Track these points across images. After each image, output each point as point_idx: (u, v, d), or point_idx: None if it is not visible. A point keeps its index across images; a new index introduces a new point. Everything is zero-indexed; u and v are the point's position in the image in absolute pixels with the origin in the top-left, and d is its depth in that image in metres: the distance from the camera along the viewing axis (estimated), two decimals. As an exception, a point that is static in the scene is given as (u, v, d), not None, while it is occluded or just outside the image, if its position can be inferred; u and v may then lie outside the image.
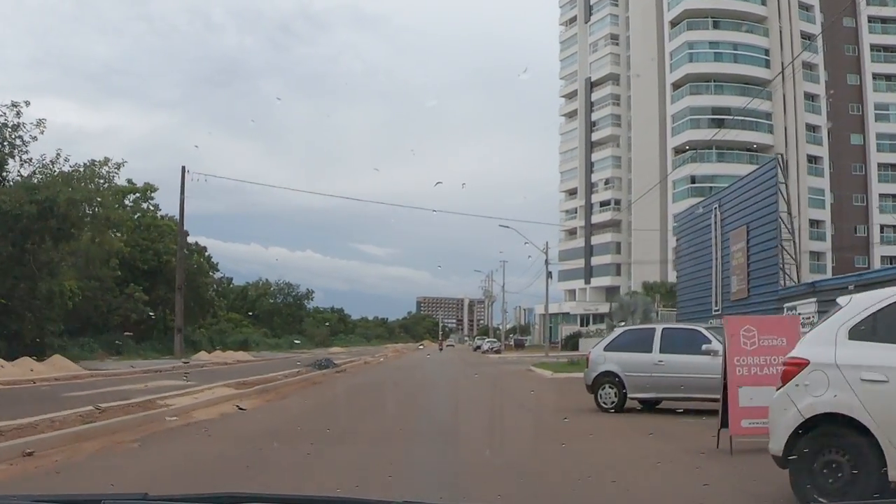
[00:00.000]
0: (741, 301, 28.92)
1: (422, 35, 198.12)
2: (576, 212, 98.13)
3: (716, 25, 70.55)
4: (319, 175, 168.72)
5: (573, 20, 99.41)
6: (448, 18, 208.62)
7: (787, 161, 30.38)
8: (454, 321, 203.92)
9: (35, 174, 28.87)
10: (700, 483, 7.56)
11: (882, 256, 66.00)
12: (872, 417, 5.53)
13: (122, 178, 42.54)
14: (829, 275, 50.19)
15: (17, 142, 28.13)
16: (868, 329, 5.92)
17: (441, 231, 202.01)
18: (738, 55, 69.88)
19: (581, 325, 76.75)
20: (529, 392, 19.62)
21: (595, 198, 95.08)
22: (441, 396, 19.22)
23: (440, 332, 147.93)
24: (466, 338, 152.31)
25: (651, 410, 14.88)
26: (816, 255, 64.95)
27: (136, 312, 38.11)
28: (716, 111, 68.60)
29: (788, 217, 27.11)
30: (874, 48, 73.17)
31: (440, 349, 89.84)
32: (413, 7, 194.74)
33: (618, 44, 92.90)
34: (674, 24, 72.60)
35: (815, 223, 68.65)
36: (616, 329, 16.16)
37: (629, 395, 14.73)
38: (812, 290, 23.59)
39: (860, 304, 6.05)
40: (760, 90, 68.27)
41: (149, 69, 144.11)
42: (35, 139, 28.21)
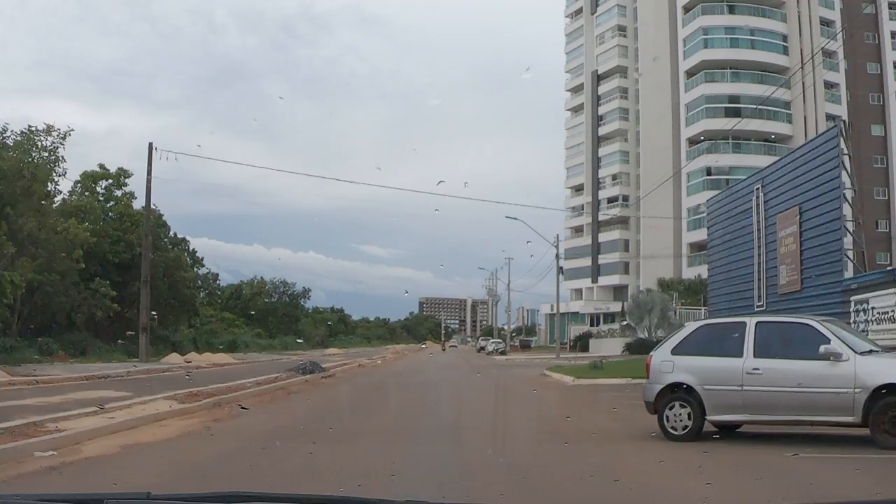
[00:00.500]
0: (793, 295, 24.38)
1: (424, 35, 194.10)
2: (582, 208, 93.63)
3: (731, 10, 65.99)
4: (322, 174, 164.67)
5: (579, 12, 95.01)
6: (451, 18, 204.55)
7: (851, 127, 25.76)
8: (457, 322, 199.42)
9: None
10: None
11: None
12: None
13: (93, 162, 38.33)
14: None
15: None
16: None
17: (443, 232, 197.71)
18: (756, 41, 65.38)
19: (591, 325, 72.13)
20: (558, 410, 15.06)
21: (602, 194, 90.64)
22: (445, 412, 14.77)
23: (442, 333, 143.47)
24: (469, 338, 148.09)
25: (737, 437, 10.47)
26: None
27: (103, 309, 33.61)
28: (732, 100, 64.14)
29: (853, 193, 22.60)
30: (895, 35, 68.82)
31: (443, 350, 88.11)
32: (416, 7, 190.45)
33: (625, 35, 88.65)
34: (687, 10, 68.09)
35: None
36: (688, 325, 11.44)
37: (708, 418, 10.24)
38: (893, 279, 19.09)
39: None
40: (778, 78, 63.88)
41: (152, 70, 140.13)
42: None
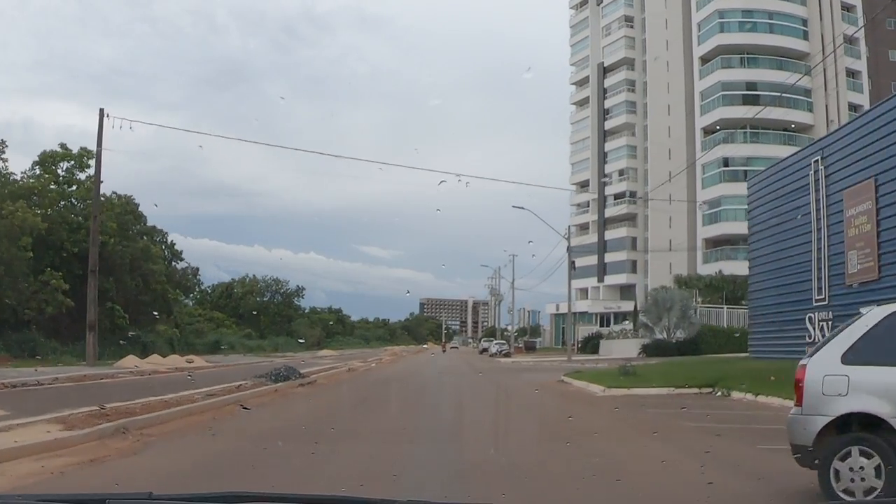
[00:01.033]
0: (868, 285, 19.73)
1: (426, 36, 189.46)
2: (588, 205, 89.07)
3: (749, -8, 61.45)
4: (323, 175, 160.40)
5: (584, 2, 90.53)
6: (451, 19, 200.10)
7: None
8: (457, 323, 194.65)
9: None
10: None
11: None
12: None
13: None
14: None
15: None
16: None
17: (445, 232, 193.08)
18: (774, 25, 60.75)
19: (601, 325, 67.35)
20: (613, 447, 10.19)
21: (608, 190, 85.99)
22: (443, 447, 10.08)
23: (443, 335, 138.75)
24: (470, 339, 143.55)
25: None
26: None
27: (54, 304, 28.97)
28: (749, 87, 59.48)
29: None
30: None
31: (443, 350, 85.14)
32: (417, 8, 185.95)
33: (632, 26, 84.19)
34: (702, -7, 63.59)
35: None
36: (870, 311, 6.38)
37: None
38: None
39: None
40: (798, 64, 59.29)
41: (152, 71, 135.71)
42: None
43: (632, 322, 54.13)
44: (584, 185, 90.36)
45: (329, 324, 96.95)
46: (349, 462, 8.07)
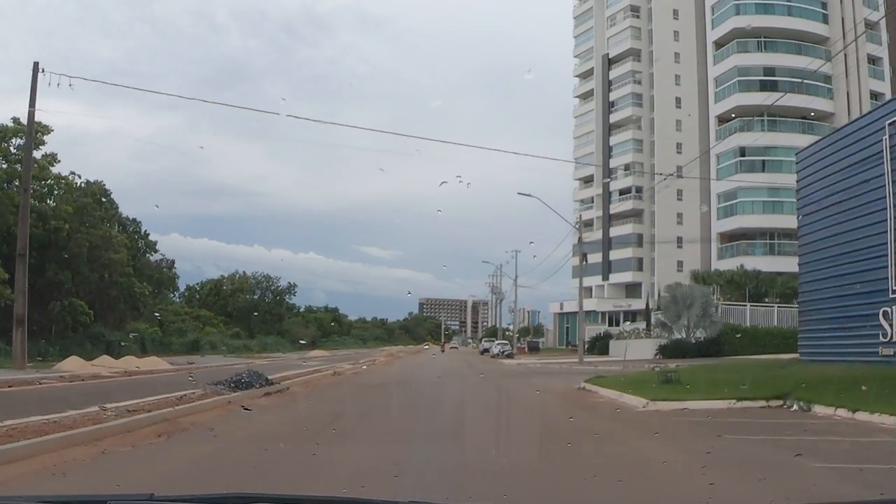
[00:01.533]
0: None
1: (427, 36, 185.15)
2: (592, 201, 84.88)
3: (765, -27, 57.39)
4: (323, 176, 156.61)
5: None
6: (452, 19, 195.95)
7: None
8: (457, 323, 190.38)
9: None
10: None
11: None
12: None
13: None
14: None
15: None
16: None
17: (445, 232, 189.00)
18: (793, 7, 56.62)
19: (609, 325, 63.12)
20: None
21: (613, 185, 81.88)
22: (437, 491, 5.98)
23: (442, 334, 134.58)
24: (470, 340, 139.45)
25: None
26: None
27: (-8, 298, 24.89)
28: (767, 72, 55.34)
29: None
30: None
31: (442, 351, 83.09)
32: (418, 8, 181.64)
33: (638, 16, 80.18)
34: (715, -27, 59.50)
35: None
36: None
37: None
38: None
39: None
40: (817, 49, 55.24)
41: (152, 71, 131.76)
42: None
43: (644, 321, 49.96)
44: (588, 181, 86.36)
45: (325, 323, 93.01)
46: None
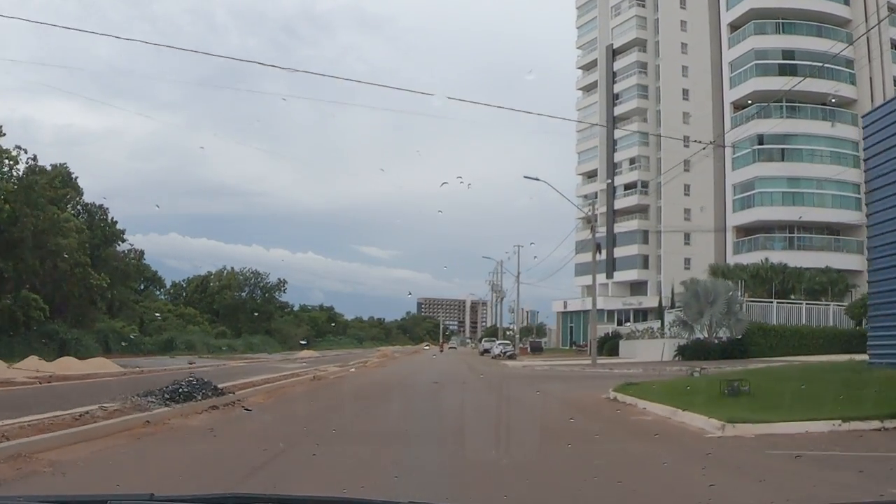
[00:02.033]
0: None
1: (428, 36, 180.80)
2: (595, 196, 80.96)
3: (783, -49, 53.52)
4: (323, 176, 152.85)
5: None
6: (452, 19, 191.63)
7: None
8: (455, 323, 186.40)
9: None
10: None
11: None
12: None
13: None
14: None
15: None
16: None
17: (444, 231, 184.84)
18: (812, -13, 52.84)
19: (618, 324, 59.14)
20: None
21: (618, 180, 77.99)
22: None
23: (441, 335, 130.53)
24: (468, 340, 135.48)
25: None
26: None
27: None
28: (786, 55, 51.48)
29: None
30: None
31: (441, 350, 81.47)
32: (418, 7, 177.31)
33: (644, 5, 76.53)
34: (729, -47, 55.63)
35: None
36: None
37: None
38: None
39: None
40: (839, 31, 51.42)
41: (152, 70, 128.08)
42: None
43: (658, 319, 46.00)
44: (592, 176, 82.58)
45: (320, 323, 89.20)
46: None
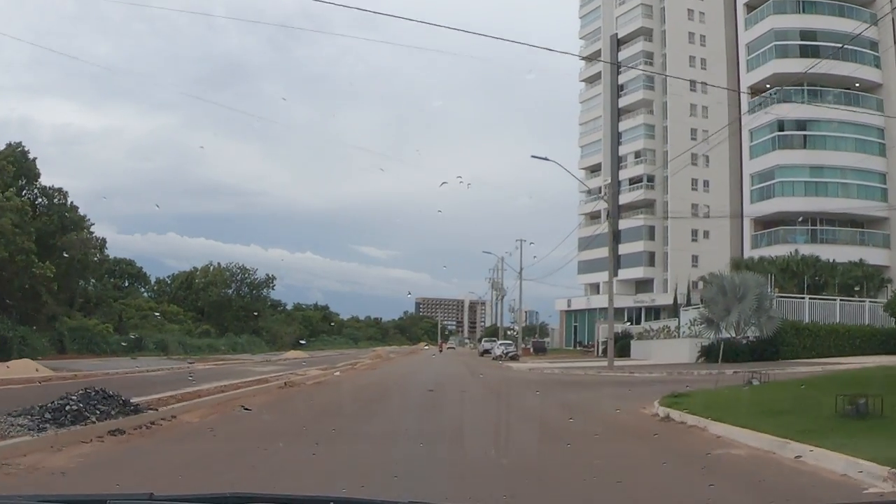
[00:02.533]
0: None
1: (427, 35, 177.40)
2: (599, 191, 77.14)
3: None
4: (322, 176, 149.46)
5: (595, -30, 79.00)
6: (454, 18, 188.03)
7: None
8: (454, 323, 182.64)
9: None
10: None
11: None
12: None
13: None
14: None
15: None
16: None
17: (444, 230, 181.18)
18: (834, -37, 49.08)
19: (628, 323, 55.24)
20: None
21: (623, 174, 74.27)
22: None
23: (439, 335, 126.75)
24: (467, 340, 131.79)
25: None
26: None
27: None
28: (806, 35, 47.69)
29: None
30: None
31: (440, 350, 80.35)
32: (418, 7, 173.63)
33: (649, -7, 72.71)
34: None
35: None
36: None
37: None
38: None
39: None
40: (863, 11, 47.66)
41: (150, 70, 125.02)
42: None
43: (673, 317, 42.14)
44: (595, 170, 78.76)
45: (315, 322, 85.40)
46: None
